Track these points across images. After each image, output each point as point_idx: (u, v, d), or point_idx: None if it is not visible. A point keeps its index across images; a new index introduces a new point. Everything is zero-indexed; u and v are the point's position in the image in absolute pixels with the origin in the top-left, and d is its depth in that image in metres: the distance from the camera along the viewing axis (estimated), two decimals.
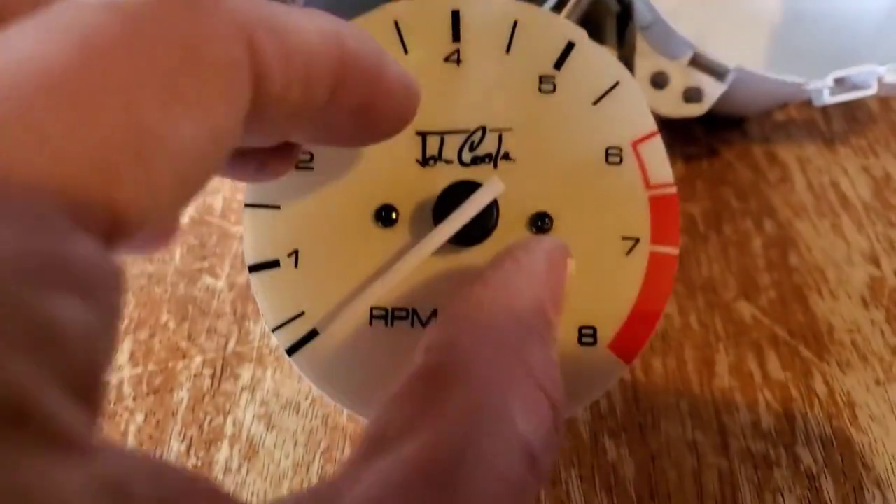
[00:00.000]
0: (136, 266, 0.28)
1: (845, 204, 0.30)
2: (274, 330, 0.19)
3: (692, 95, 0.28)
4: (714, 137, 0.33)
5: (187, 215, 0.30)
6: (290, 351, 0.19)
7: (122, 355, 0.25)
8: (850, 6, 0.32)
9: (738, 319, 0.26)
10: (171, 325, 0.26)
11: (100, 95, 0.08)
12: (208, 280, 0.27)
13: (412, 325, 0.19)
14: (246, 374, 0.24)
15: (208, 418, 0.23)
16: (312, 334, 0.19)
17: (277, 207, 0.19)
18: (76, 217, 0.08)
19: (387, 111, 0.14)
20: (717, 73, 0.27)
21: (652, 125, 0.20)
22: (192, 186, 0.10)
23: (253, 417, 0.23)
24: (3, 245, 0.07)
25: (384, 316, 0.19)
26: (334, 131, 0.14)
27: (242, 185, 0.31)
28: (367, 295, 0.18)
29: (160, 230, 0.10)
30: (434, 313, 0.19)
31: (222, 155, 0.10)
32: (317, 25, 0.12)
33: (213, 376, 0.24)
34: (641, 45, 0.27)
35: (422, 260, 0.18)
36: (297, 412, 0.23)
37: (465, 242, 0.19)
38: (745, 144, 0.32)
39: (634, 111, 0.20)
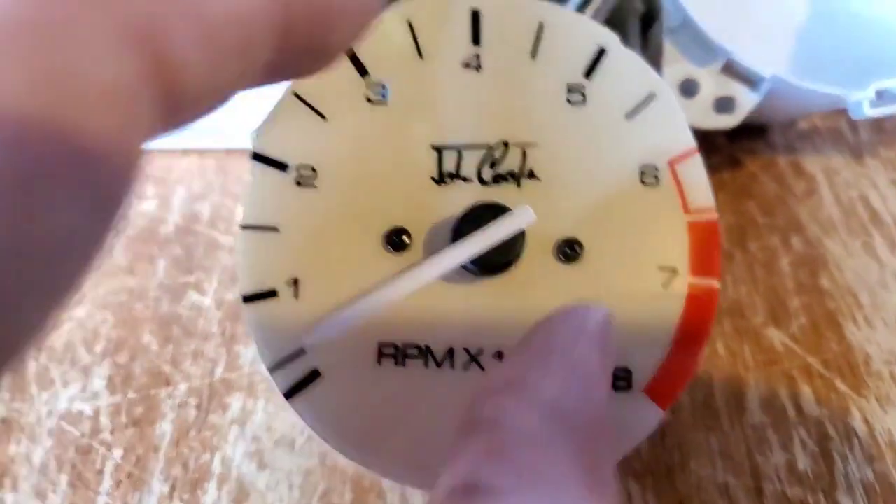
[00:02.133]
0: (115, 280, 0.25)
1: (876, 220, 0.29)
2: (272, 370, 0.17)
3: (724, 105, 0.26)
4: (736, 147, 0.31)
5: (171, 223, 0.27)
6: (289, 394, 0.16)
7: (99, 381, 0.23)
8: (886, 7, 0.30)
9: (769, 347, 0.24)
10: (154, 347, 0.24)
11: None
12: (194, 296, 0.25)
13: (426, 364, 0.17)
14: (235, 404, 0.22)
15: (194, 455, 0.21)
16: (314, 375, 0.17)
17: (276, 230, 0.17)
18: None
19: (343, 34, 0.11)
20: (751, 81, 0.25)
21: (690, 142, 0.18)
22: None
23: (243, 455, 0.21)
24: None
25: (393, 354, 0.17)
26: (284, 71, 0.11)
27: (233, 190, 0.29)
28: (357, 308, 0.15)
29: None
30: (450, 352, 0.17)
31: None
32: None
33: (198, 406, 0.22)
34: (669, 49, 0.25)
35: (432, 277, 0.15)
36: (292, 449, 0.21)
37: (485, 271, 0.17)
38: (770, 155, 0.31)
39: (672, 126, 0.18)
